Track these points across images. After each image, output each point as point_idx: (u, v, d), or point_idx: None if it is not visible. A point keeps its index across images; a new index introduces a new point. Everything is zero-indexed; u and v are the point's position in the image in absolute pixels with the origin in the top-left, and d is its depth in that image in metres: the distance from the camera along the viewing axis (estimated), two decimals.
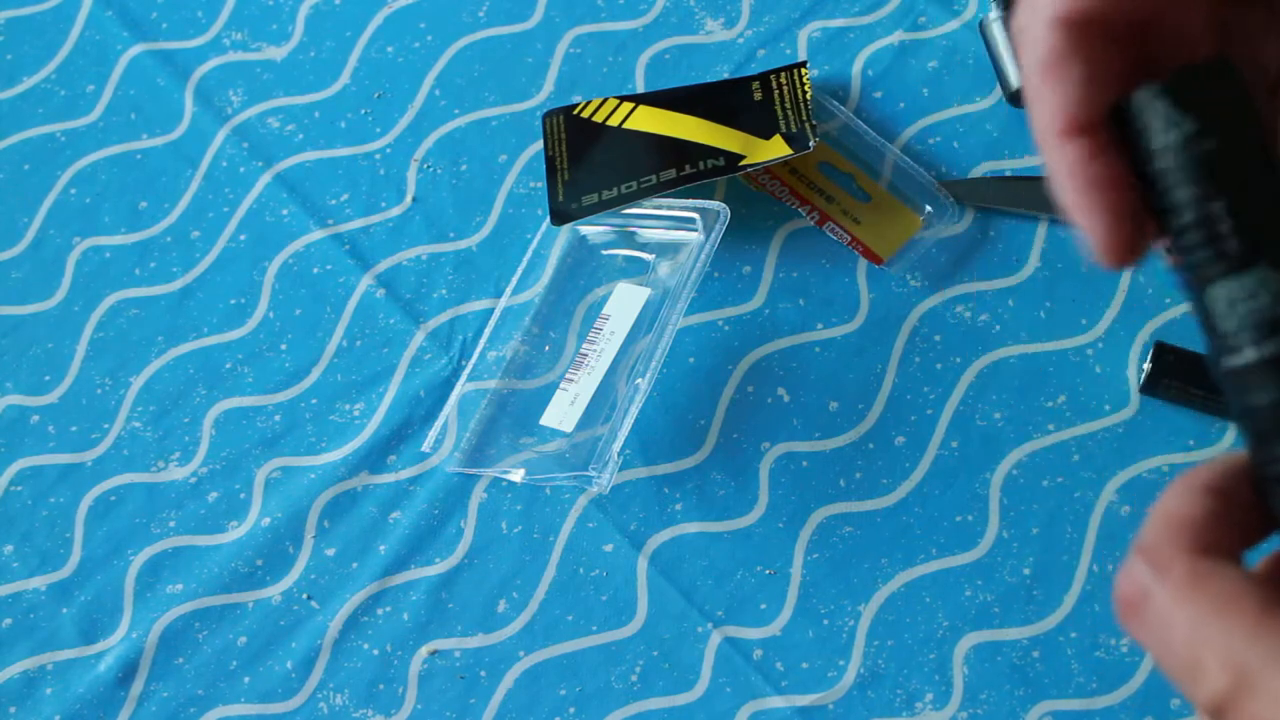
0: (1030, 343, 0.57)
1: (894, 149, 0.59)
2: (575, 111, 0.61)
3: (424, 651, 0.55)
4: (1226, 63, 0.26)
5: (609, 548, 0.55)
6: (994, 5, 0.59)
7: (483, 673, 0.54)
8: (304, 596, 0.56)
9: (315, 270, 0.61)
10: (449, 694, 0.54)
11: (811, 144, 0.57)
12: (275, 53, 0.65)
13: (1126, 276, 0.57)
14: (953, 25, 0.62)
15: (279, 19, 0.66)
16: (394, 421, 0.58)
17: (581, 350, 0.57)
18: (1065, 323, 0.57)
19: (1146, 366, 0.54)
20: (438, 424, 0.57)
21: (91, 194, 0.63)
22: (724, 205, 0.56)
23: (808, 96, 0.59)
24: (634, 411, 0.53)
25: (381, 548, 0.56)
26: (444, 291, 0.60)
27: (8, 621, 0.57)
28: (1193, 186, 0.26)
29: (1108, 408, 0.56)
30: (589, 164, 0.59)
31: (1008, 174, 0.59)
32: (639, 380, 0.53)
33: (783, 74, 0.60)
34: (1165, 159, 0.26)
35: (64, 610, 0.57)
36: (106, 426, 0.59)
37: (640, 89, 0.63)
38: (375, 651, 0.55)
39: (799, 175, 0.60)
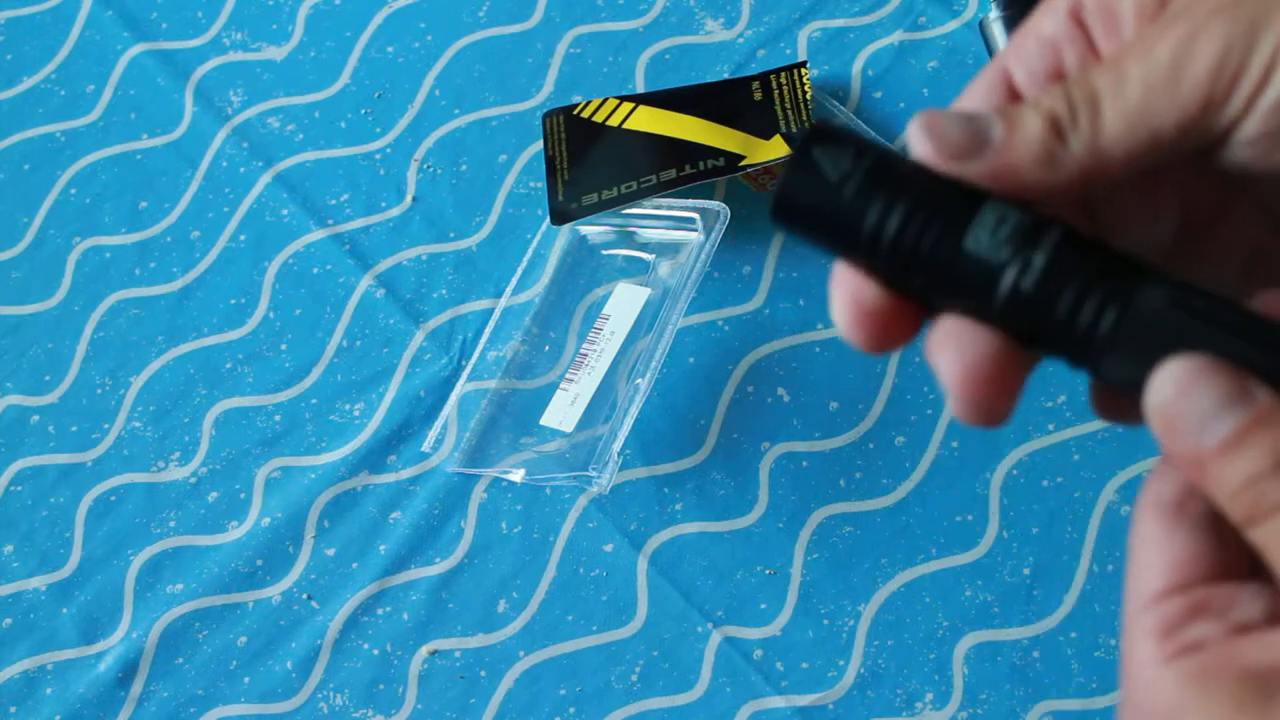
0: None
1: (894, 149, 0.59)
2: (575, 111, 0.61)
3: (424, 651, 0.55)
4: (815, 126, 0.27)
5: (609, 548, 0.55)
6: (994, 5, 0.59)
7: (483, 673, 0.54)
8: (304, 596, 0.56)
9: (315, 270, 0.61)
10: (449, 694, 0.54)
11: None
12: (275, 53, 0.65)
13: None
14: (953, 25, 0.62)
15: (279, 19, 0.66)
16: (394, 421, 0.58)
17: (581, 350, 0.57)
18: None
19: None
20: (438, 424, 0.57)
21: (91, 194, 0.63)
22: (724, 205, 0.56)
23: (808, 96, 0.59)
24: (634, 411, 0.53)
25: (381, 548, 0.56)
26: (444, 291, 0.60)
27: (8, 621, 0.57)
28: (907, 191, 0.26)
29: None
30: (589, 164, 0.59)
31: None
32: (639, 380, 0.53)
33: (783, 74, 0.60)
34: (860, 199, 0.26)
35: (64, 610, 0.57)
36: (106, 426, 0.59)
37: (640, 89, 0.63)
38: (375, 651, 0.55)
39: None
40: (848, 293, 0.26)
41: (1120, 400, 0.27)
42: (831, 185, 0.26)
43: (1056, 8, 0.27)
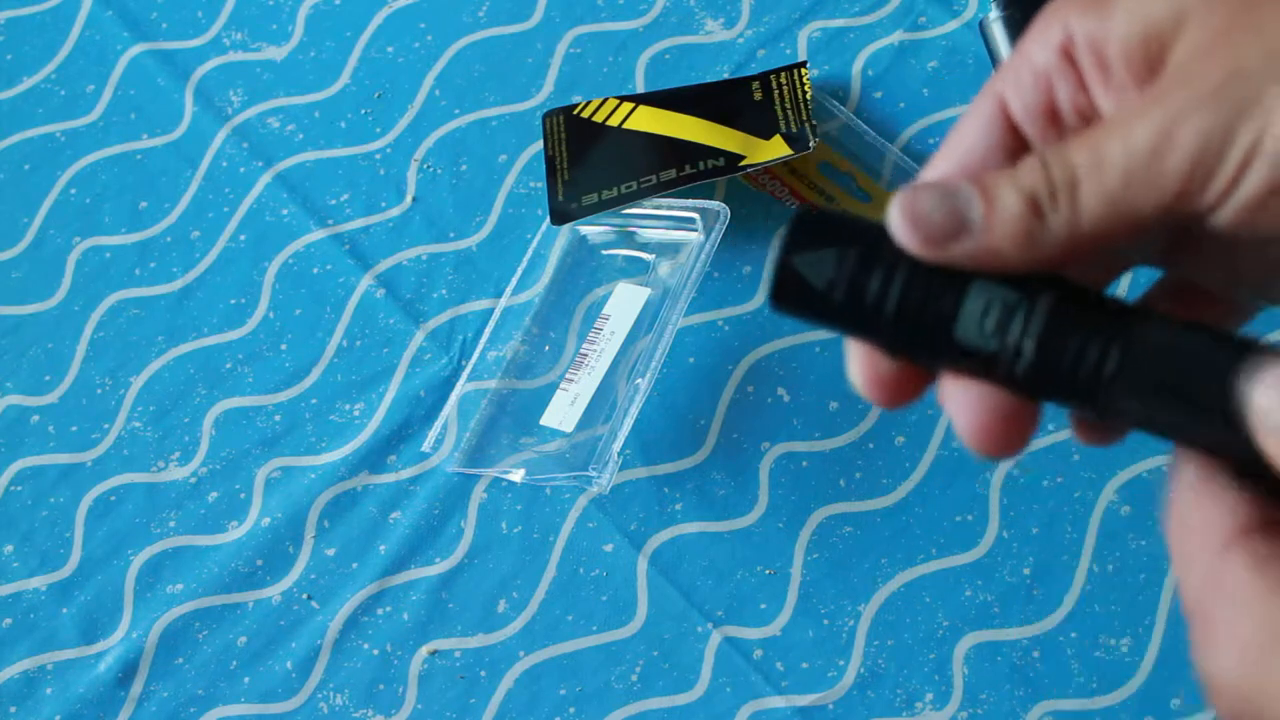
0: None
1: (894, 149, 0.59)
2: (575, 111, 0.61)
3: (424, 651, 0.55)
4: (799, 213, 0.27)
5: (609, 548, 0.55)
6: (994, 5, 0.59)
7: (483, 673, 0.54)
8: (304, 596, 0.56)
9: (315, 270, 0.61)
10: (449, 694, 0.54)
11: (811, 144, 0.57)
12: (275, 53, 0.65)
13: (1126, 278, 0.57)
14: (953, 25, 0.62)
15: (279, 19, 0.66)
16: (394, 421, 0.58)
17: (581, 350, 0.57)
18: None
19: None
20: (438, 424, 0.57)
21: (91, 194, 0.63)
22: (724, 205, 0.56)
23: (808, 96, 0.59)
24: (634, 411, 0.53)
25: (381, 548, 0.56)
26: (444, 291, 0.60)
27: (8, 621, 0.57)
28: (904, 279, 0.26)
29: None
30: (589, 164, 0.59)
31: None
32: (639, 380, 0.53)
33: (783, 74, 0.60)
34: (854, 297, 0.26)
35: (64, 610, 0.57)
36: (106, 426, 0.59)
37: (640, 89, 0.63)
38: (375, 651, 0.55)
39: (799, 175, 0.60)
40: (859, 359, 0.28)
41: (1100, 427, 0.28)
42: (819, 291, 0.27)
43: (1048, 39, 0.27)
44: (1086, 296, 0.26)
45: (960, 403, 0.27)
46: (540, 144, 0.62)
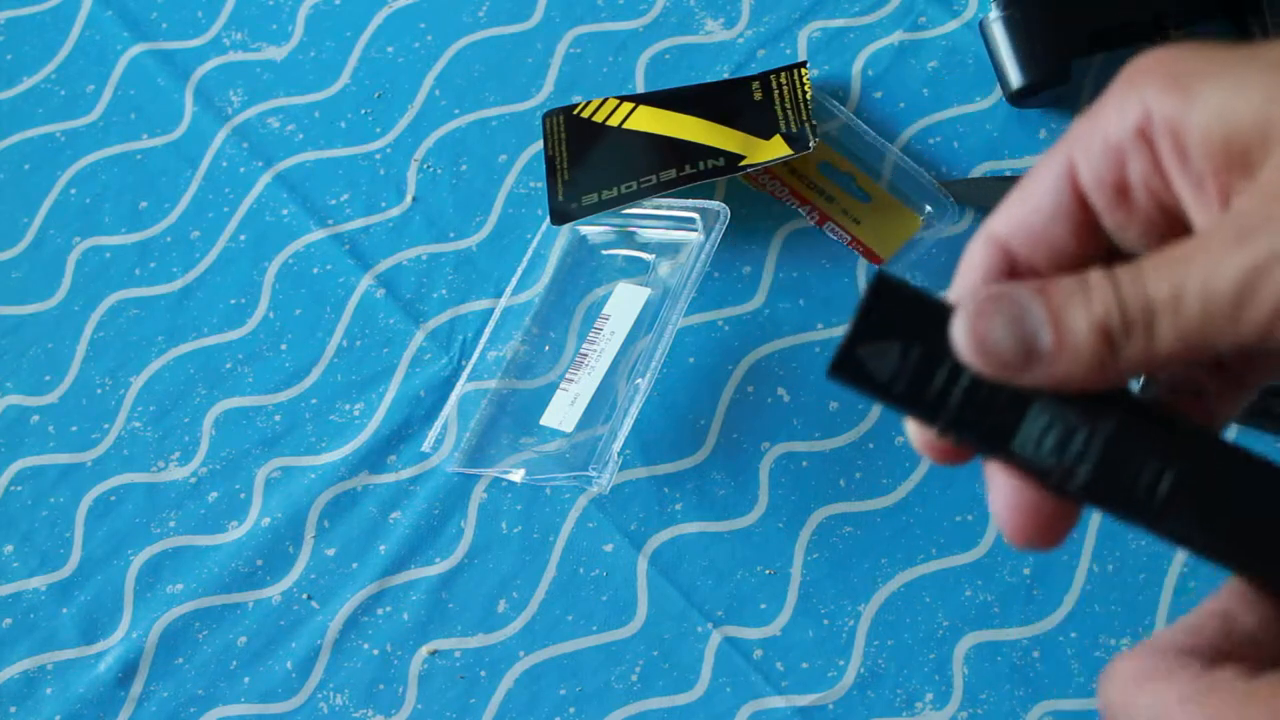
0: None
1: (894, 149, 0.59)
2: (575, 111, 0.61)
3: (424, 651, 0.55)
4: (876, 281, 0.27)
5: (609, 548, 0.55)
6: (994, 5, 0.59)
7: (483, 673, 0.54)
8: (304, 596, 0.56)
9: (315, 270, 0.61)
10: (449, 694, 0.54)
11: (811, 144, 0.57)
12: (275, 53, 0.65)
13: None
14: (953, 25, 0.62)
15: (279, 19, 0.66)
16: (394, 421, 0.58)
17: (581, 350, 0.57)
18: None
19: None
20: (438, 424, 0.57)
21: (91, 194, 0.63)
22: (724, 205, 0.56)
23: (808, 96, 0.59)
24: (634, 411, 0.53)
25: (381, 548, 0.56)
26: (444, 291, 0.60)
27: (8, 621, 0.57)
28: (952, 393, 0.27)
29: None
30: (589, 164, 0.59)
31: (1008, 174, 0.59)
32: (639, 380, 0.53)
33: (783, 74, 0.60)
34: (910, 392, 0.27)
35: (64, 610, 0.57)
36: (106, 426, 0.59)
37: (640, 89, 0.63)
38: (375, 651, 0.55)
39: (799, 175, 0.60)
40: (916, 428, 0.28)
41: None
42: (880, 384, 0.27)
43: (1125, 113, 0.26)
44: (1149, 416, 0.26)
45: (1002, 492, 0.27)
46: (540, 144, 0.62)
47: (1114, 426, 0.26)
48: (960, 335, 0.26)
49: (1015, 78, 0.59)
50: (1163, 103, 0.25)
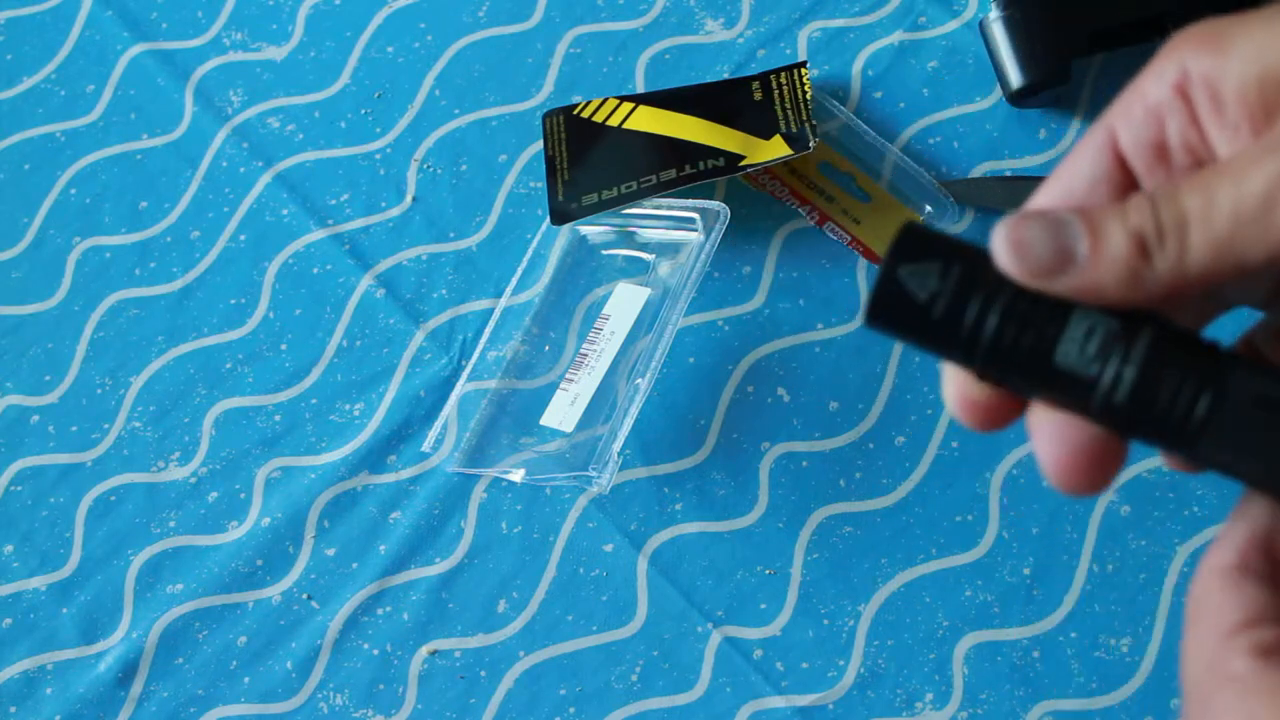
0: None
1: (894, 149, 0.59)
2: (575, 111, 0.61)
3: (424, 651, 0.55)
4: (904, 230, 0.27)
5: (609, 548, 0.55)
6: (994, 5, 0.59)
7: (483, 673, 0.54)
8: (304, 596, 0.56)
9: (315, 270, 0.61)
10: (449, 694, 0.54)
11: (811, 144, 0.57)
12: (275, 53, 0.65)
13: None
14: (953, 25, 0.62)
15: (279, 19, 0.66)
16: (394, 421, 0.58)
17: (581, 350, 0.57)
18: None
19: None
20: (438, 424, 0.57)
21: (91, 194, 0.63)
22: (724, 205, 0.56)
23: (808, 96, 0.59)
24: (634, 411, 0.53)
25: (381, 548, 0.56)
26: (444, 291, 0.60)
27: (8, 621, 0.57)
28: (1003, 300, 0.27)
29: None
30: (589, 164, 0.59)
31: (1008, 174, 0.59)
32: (639, 380, 0.53)
33: (783, 74, 0.60)
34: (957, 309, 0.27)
35: (64, 610, 0.57)
36: (106, 426, 0.59)
37: (640, 89, 0.63)
38: (375, 651, 0.55)
39: (799, 175, 0.60)
40: (953, 383, 0.28)
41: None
42: (920, 305, 0.27)
43: (1164, 75, 0.27)
44: (1185, 336, 0.26)
45: (1047, 435, 0.27)
46: (540, 144, 0.62)
47: (1154, 333, 0.26)
48: (999, 238, 0.26)
49: (1015, 78, 0.59)
50: (1199, 60, 0.26)
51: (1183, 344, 0.26)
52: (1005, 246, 0.26)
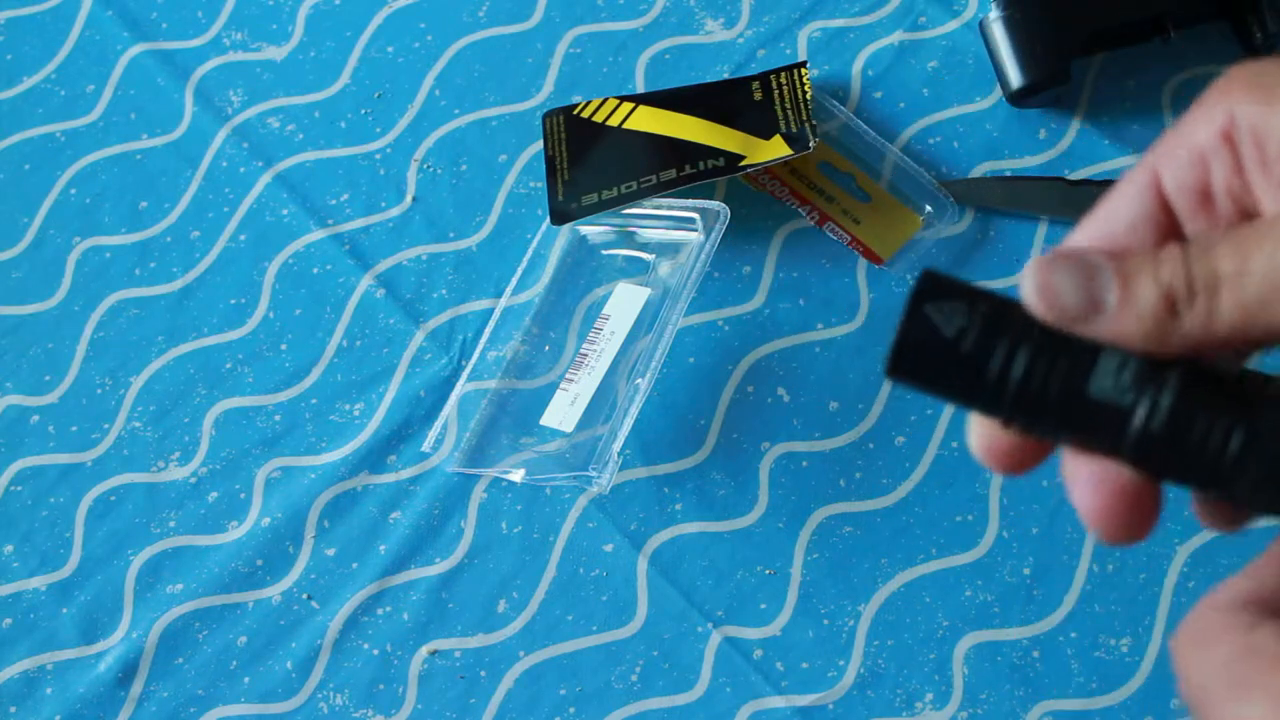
0: None
1: (894, 149, 0.59)
2: (575, 111, 0.61)
3: (424, 651, 0.55)
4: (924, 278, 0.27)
5: (609, 548, 0.55)
6: (994, 5, 0.59)
7: (483, 673, 0.54)
8: (304, 596, 0.56)
9: (315, 270, 0.61)
10: (449, 694, 0.54)
11: (811, 144, 0.57)
12: (275, 53, 0.65)
13: None
14: (953, 25, 0.62)
15: (279, 19, 0.66)
16: (394, 421, 0.58)
17: (581, 350, 0.57)
18: None
19: None
20: (438, 424, 0.57)
21: (91, 194, 0.63)
22: (724, 205, 0.56)
23: (808, 96, 0.59)
24: (634, 411, 0.53)
25: (381, 548, 0.56)
26: (444, 291, 0.60)
27: (8, 621, 0.57)
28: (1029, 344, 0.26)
29: None
30: (589, 164, 0.59)
31: (1008, 174, 0.59)
32: (639, 380, 0.53)
33: (783, 74, 0.60)
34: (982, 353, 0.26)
35: (64, 610, 0.57)
36: (106, 426, 0.59)
37: (640, 89, 0.63)
38: (375, 651, 0.55)
39: (799, 175, 0.60)
40: (980, 432, 0.28)
41: (1225, 509, 0.28)
42: (948, 342, 0.26)
43: (1211, 119, 0.27)
44: (1214, 373, 0.26)
45: (1085, 482, 0.27)
46: (540, 144, 0.62)
47: (1183, 371, 0.26)
48: (1029, 278, 0.26)
49: (1015, 78, 0.59)
50: (1248, 108, 0.26)
51: (1210, 376, 0.26)
52: (1034, 289, 0.26)
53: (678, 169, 0.58)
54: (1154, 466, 0.26)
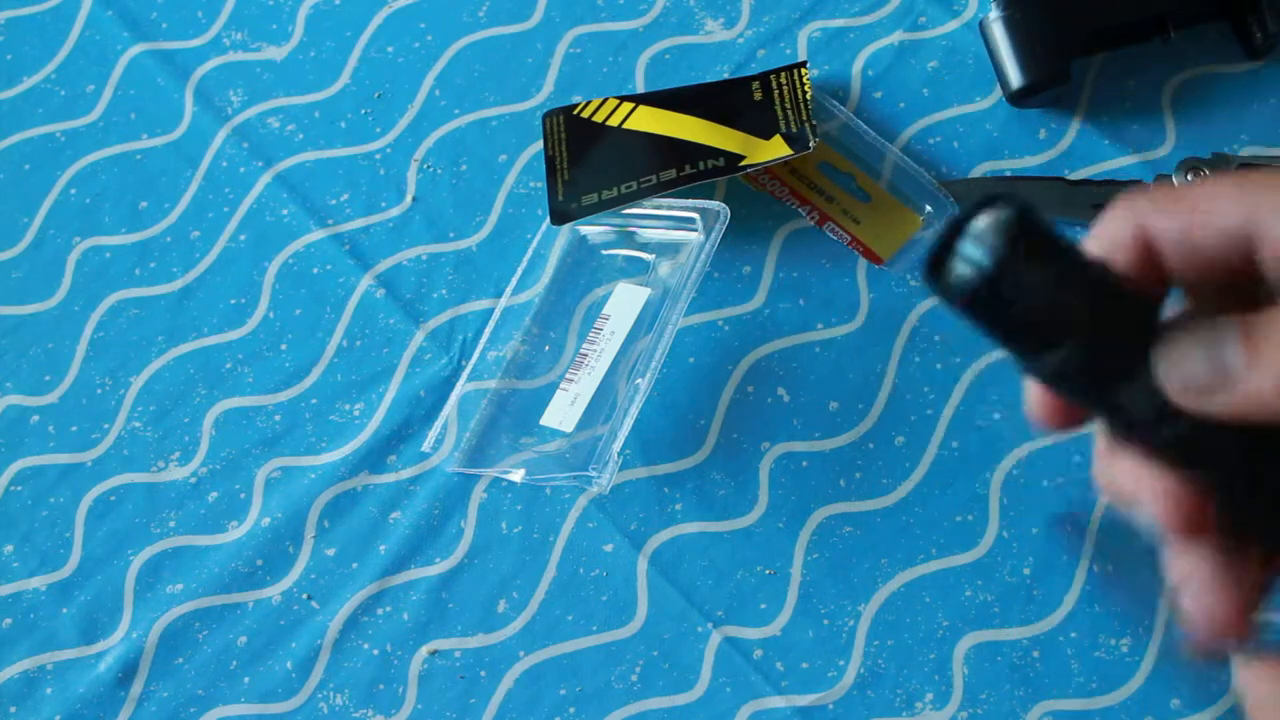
0: None
1: (894, 149, 0.59)
2: (575, 111, 0.61)
3: (424, 651, 0.55)
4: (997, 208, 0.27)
5: (609, 548, 0.55)
6: (994, 5, 0.59)
7: (483, 673, 0.54)
8: (304, 596, 0.56)
9: (315, 270, 0.61)
10: (449, 694, 0.54)
11: (811, 144, 0.57)
12: (275, 53, 0.65)
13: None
14: (953, 25, 0.62)
15: (279, 19, 0.66)
16: (394, 421, 0.58)
17: (581, 350, 0.57)
18: None
19: None
20: (438, 424, 0.57)
21: (91, 194, 0.63)
22: (724, 205, 0.56)
23: (808, 96, 0.59)
24: (634, 411, 0.53)
25: (381, 548, 0.56)
26: (444, 291, 0.60)
27: (8, 621, 0.57)
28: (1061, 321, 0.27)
29: None
30: (589, 164, 0.59)
31: (1008, 174, 0.59)
32: (639, 380, 0.53)
33: (783, 74, 0.60)
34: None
35: (64, 610, 0.57)
36: (106, 426, 0.59)
37: (640, 89, 0.63)
38: (375, 651, 0.55)
39: (799, 175, 0.60)
40: (1037, 390, 0.29)
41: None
42: (1005, 300, 0.27)
43: (1227, 215, 0.27)
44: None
45: (1198, 590, 0.28)
46: (540, 144, 0.62)
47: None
48: (1162, 370, 0.27)
49: (1015, 78, 0.59)
50: (1274, 223, 0.26)
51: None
52: (1164, 365, 0.27)
53: (678, 169, 0.58)
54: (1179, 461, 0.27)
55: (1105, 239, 0.28)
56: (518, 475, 0.55)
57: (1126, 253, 0.28)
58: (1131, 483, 0.28)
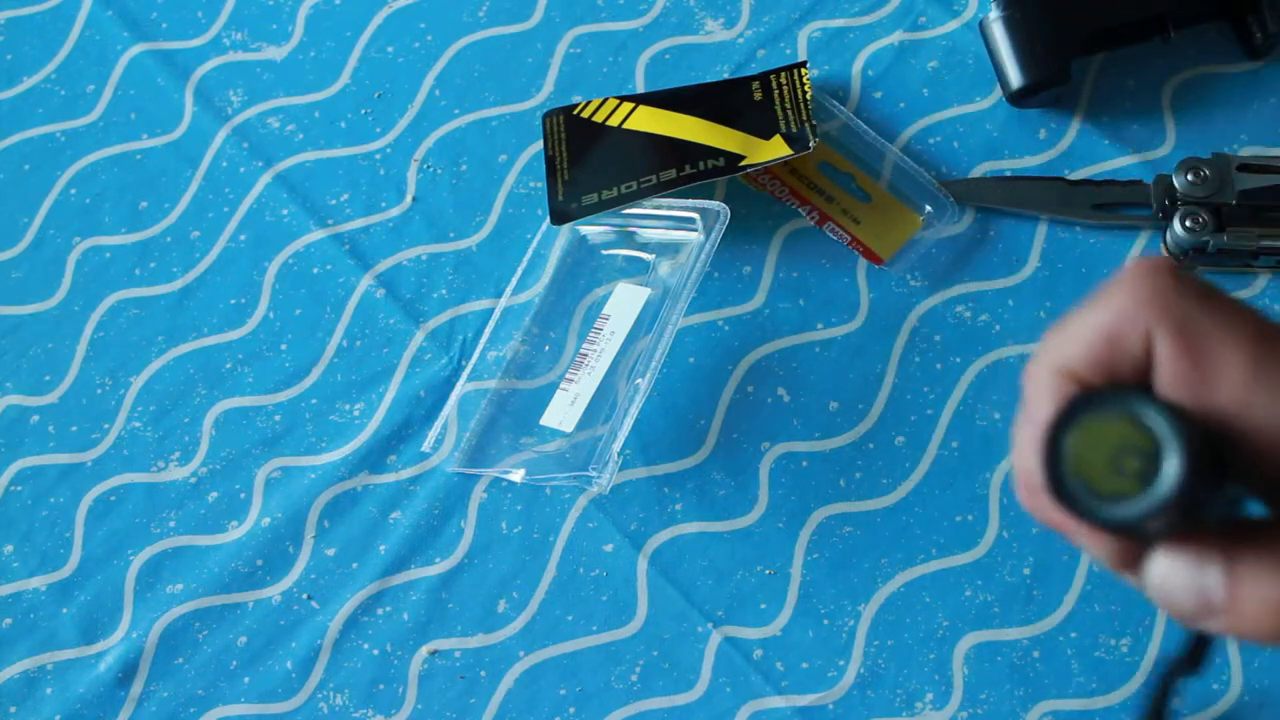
0: (1030, 343, 0.57)
1: (894, 149, 0.59)
2: (575, 111, 0.61)
3: (424, 651, 0.55)
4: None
5: (609, 548, 0.55)
6: (994, 5, 0.59)
7: (483, 673, 0.54)
8: (304, 596, 0.56)
9: (315, 270, 0.61)
10: (449, 694, 0.54)
11: (811, 144, 0.57)
12: (275, 53, 0.65)
13: None
14: (953, 25, 0.62)
15: (279, 19, 0.66)
16: (394, 421, 0.58)
17: (581, 350, 0.57)
18: None
19: None
20: (438, 424, 0.57)
21: (91, 194, 0.63)
22: (724, 205, 0.56)
23: (808, 96, 0.59)
24: (634, 411, 0.53)
25: (381, 548, 0.56)
26: (444, 291, 0.60)
27: (8, 621, 0.57)
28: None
29: None
30: (589, 164, 0.59)
31: (1008, 174, 0.59)
32: (639, 380, 0.53)
33: (783, 74, 0.60)
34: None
35: (64, 610, 0.57)
36: (106, 426, 0.59)
37: (640, 89, 0.63)
38: (375, 651, 0.55)
39: (799, 175, 0.60)
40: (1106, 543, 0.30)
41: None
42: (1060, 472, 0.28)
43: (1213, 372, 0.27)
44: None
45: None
46: (540, 144, 0.62)
47: None
48: (1151, 590, 0.28)
49: (1015, 78, 0.59)
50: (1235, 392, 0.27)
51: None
52: (1155, 592, 0.28)
53: (678, 169, 0.58)
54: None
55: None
56: (518, 475, 0.55)
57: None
58: (1068, 525, 0.29)
